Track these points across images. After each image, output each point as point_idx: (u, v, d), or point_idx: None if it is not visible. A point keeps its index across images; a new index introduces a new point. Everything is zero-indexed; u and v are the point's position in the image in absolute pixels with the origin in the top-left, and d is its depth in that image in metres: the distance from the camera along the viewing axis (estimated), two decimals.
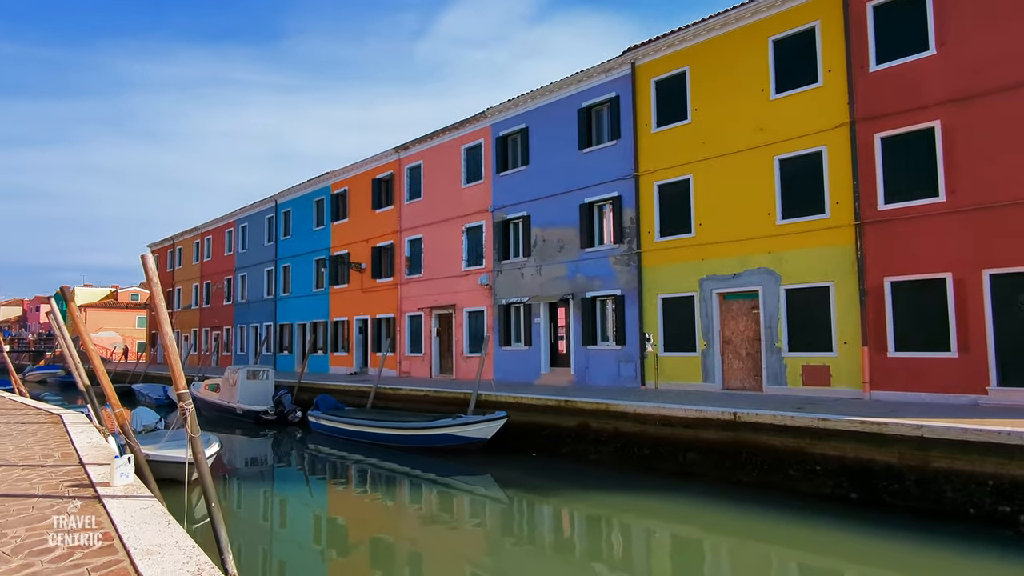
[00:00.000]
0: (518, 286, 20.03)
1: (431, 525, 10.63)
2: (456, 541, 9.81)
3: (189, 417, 5.99)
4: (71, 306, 7.23)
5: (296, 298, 30.83)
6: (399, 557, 9.28)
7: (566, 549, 9.21)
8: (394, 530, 10.45)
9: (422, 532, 10.25)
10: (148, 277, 5.93)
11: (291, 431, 19.21)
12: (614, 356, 17.32)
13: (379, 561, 9.09)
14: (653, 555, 9.14)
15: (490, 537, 9.84)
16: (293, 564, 9.15)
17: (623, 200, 17.31)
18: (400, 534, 10.22)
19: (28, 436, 10.29)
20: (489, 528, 10.35)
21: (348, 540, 10.17)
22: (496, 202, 20.93)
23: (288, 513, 11.94)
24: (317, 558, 9.38)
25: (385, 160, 25.77)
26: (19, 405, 15.98)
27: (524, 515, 11.12)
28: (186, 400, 5.98)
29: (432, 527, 10.51)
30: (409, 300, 24.17)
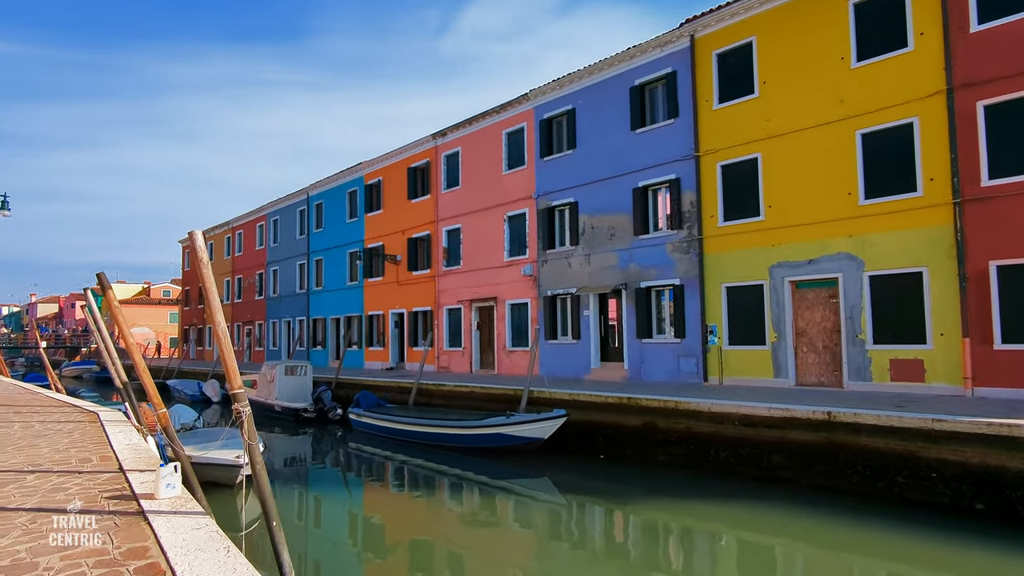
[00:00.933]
0: (565, 276, 19.00)
1: (487, 531, 9.72)
2: (515, 550, 8.88)
3: (246, 421, 5.11)
4: (108, 295, 6.40)
5: (329, 292, 30.20)
6: (453, 567, 8.38)
7: (641, 561, 8.21)
8: (447, 536, 9.55)
9: (478, 539, 9.35)
10: (198, 257, 5.06)
11: (331, 429, 18.48)
12: (672, 350, 16.21)
13: (432, 571, 8.19)
14: (742, 570, 8.08)
15: (552, 546, 8.89)
16: (338, 571, 8.32)
17: (682, 183, 16.16)
18: (454, 540, 9.32)
19: (64, 436, 9.60)
20: (550, 536, 9.41)
21: (397, 546, 9.30)
22: (540, 188, 19.91)
23: (332, 517, 11.12)
24: (364, 566, 8.53)
25: (421, 148, 24.90)
26: (55, 402, 15.47)
27: (588, 522, 10.15)
28: (242, 401, 5.10)
29: (488, 534, 9.60)
30: (447, 293, 23.30)
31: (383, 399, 18.48)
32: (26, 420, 11.75)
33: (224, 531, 7.71)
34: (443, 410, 16.45)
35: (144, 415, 12.25)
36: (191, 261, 46.27)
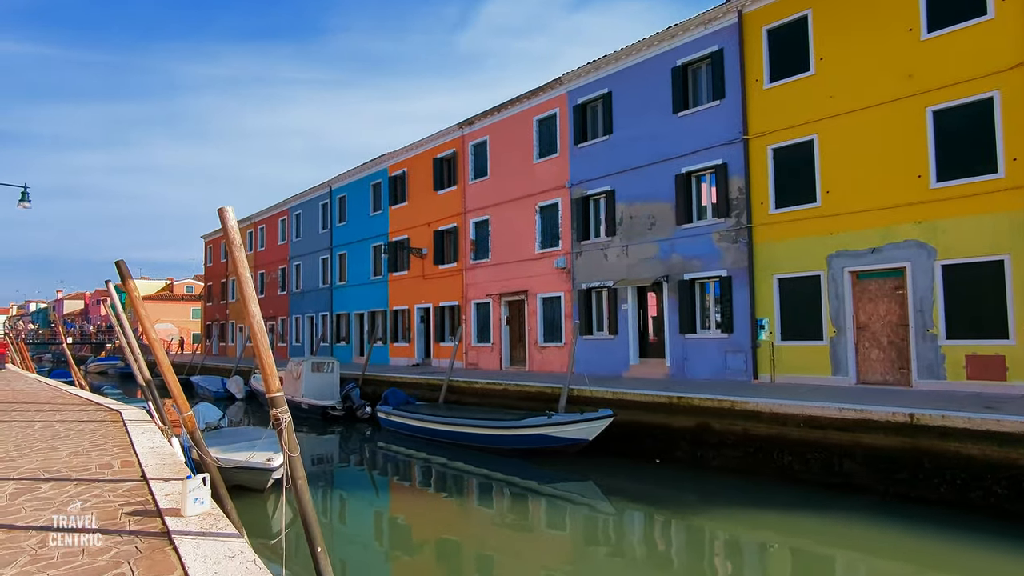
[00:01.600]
0: (601, 269, 18.15)
1: (530, 538, 8.97)
2: (562, 559, 8.12)
3: (285, 429, 4.38)
4: (129, 285, 5.72)
5: (353, 287, 29.64)
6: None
7: (704, 574, 7.39)
8: (486, 543, 8.81)
9: (521, 546, 8.60)
10: (229, 238, 4.33)
11: (360, 428, 17.85)
12: (719, 346, 15.30)
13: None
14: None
15: (602, 556, 8.11)
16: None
17: (729, 168, 15.21)
18: (494, 547, 8.59)
19: (85, 437, 9.02)
20: (598, 544, 8.63)
21: (432, 552, 8.58)
22: (574, 177, 19.05)
23: (362, 521, 10.43)
24: (396, 575, 7.83)
25: (447, 138, 24.14)
26: (78, 400, 15.00)
27: (639, 530, 9.35)
28: (281, 406, 4.37)
29: (532, 541, 8.85)
30: (475, 287, 22.55)
31: (412, 396, 17.79)
32: (47, 419, 11.23)
33: (255, 539, 7.02)
34: (475, 409, 15.72)
35: (167, 412, 11.69)
36: (213, 256, 46.11)
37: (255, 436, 12.26)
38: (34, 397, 15.61)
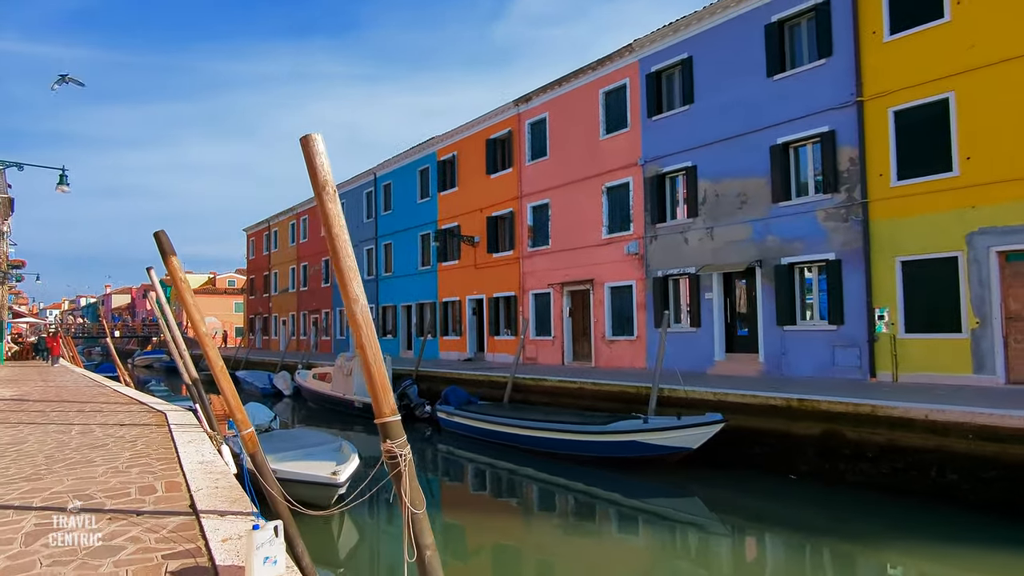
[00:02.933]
0: (680, 254, 16.38)
1: (628, 565, 7.40)
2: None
3: (406, 473, 2.87)
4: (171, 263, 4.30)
5: (399, 278, 28.40)
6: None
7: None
8: (576, 570, 7.29)
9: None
10: (317, 179, 2.85)
11: (419, 428, 16.51)
12: (825, 339, 13.42)
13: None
14: None
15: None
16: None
17: (838, 136, 13.27)
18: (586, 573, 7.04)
19: (125, 448, 7.78)
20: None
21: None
22: (647, 153, 17.28)
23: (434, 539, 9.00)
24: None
25: (501, 117, 22.57)
26: (122, 398, 13.98)
27: (765, 557, 7.71)
28: (397, 437, 2.86)
29: (630, 568, 7.28)
30: (534, 276, 20.99)
31: (473, 395, 16.34)
32: (86, 422, 10.11)
33: (317, 565, 5.60)
34: (546, 410, 14.18)
35: (215, 412, 10.43)
36: (256, 249, 45.61)
37: (312, 441, 10.96)
38: (76, 395, 14.69)
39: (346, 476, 8.51)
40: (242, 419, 4.55)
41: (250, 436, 4.53)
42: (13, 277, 27.51)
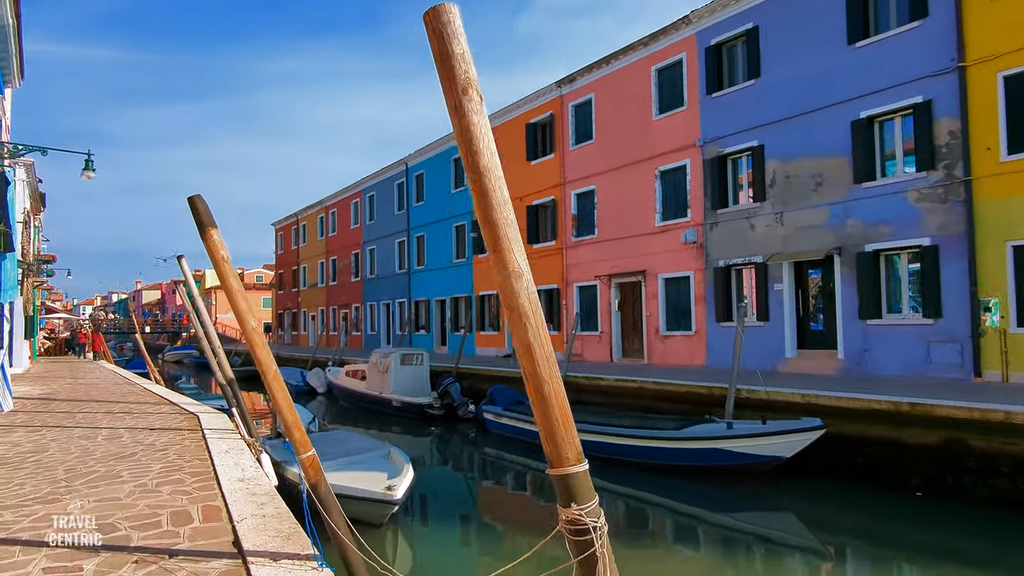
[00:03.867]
0: (744, 242, 15.07)
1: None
2: None
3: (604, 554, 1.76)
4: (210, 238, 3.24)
5: (433, 271, 27.42)
6: None
7: None
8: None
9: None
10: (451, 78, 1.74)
11: (462, 430, 15.51)
12: (918, 334, 12.05)
13: None
14: None
15: None
16: None
17: (934, 106, 11.87)
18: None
19: (156, 459, 6.83)
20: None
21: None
22: (707, 133, 15.98)
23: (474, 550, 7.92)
24: None
25: (542, 100, 21.39)
26: (152, 397, 13.19)
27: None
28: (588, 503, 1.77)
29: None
30: (578, 267, 19.82)
31: (520, 394, 15.24)
32: (114, 425, 9.24)
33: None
34: (604, 411, 13.04)
35: (251, 413, 9.51)
36: (284, 243, 45.12)
37: (357, 447, 9.97)
38: (106, 393, 13.95)
39: (403, 492, 7.49)
40: (301, 439, 3.50)
41: (311, 462, 3.48)
42: (44, 272, 27.16)
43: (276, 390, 3.44)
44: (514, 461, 12.59)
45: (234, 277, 3.57)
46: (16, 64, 13.71)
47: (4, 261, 8.32)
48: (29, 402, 12.21)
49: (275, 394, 3.45)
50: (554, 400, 1.79)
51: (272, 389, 3.47)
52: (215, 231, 3.54)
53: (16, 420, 9.85)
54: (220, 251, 3.58)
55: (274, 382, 3.50)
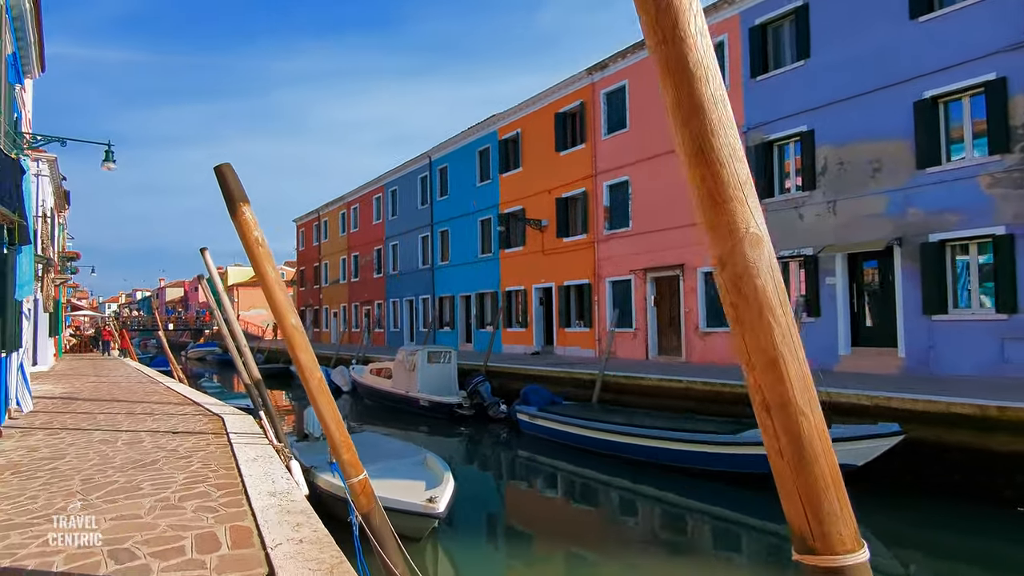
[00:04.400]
0: (792, 233, 14.22)
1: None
2: None
3: None
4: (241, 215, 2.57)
5: (457, 266, 26.82)
6: None
7: None
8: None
9: None
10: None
11: (493, 430, 14.88)
12: (991, 330, 11.14)
13: None
14: None
15: None
16: None
17: (1009, 83, 10.92)
18: None
19: (179, 467, 6.28)
20: None
21: None
22: (750, 119, 15.13)
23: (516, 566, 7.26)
24: None
25: (572, 87, 20.62)
26: (176, 397, 12.74)
27: None
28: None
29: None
30: (611, 261, 19.07)
31: (555, 394, 14.57)
32: (135, 427, 8.75)
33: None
34: (647, 413, 12.32)
35: (277, 414, 8.97)
36: (306, 240, 44.87)
37: (390, 451, 9.38)
38: (128, 392, 13.55)
39: (445, 504, 6.86)
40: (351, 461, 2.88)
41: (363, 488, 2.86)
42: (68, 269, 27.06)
43: (322, 403, 2.81)
44: (551, 464, 11.93)
45: (270, 264, 2.93)
46: (36, 53, 13.32)
47: (20, 255, 7.79)
48: (50, 402, 11.82)
49: (321, 407, 2.81)
50: (818, 446, 1.10)
51: (317, 401, 2.84)
52: (247, 208, 2.91)
53: (36, 421, 9.41)
54: (253, 232, 2.95)
55: (320, 394, 2.86)
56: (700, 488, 9.53)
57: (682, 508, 9.21)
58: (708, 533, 8.47)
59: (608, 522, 9.11)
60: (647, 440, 10.52)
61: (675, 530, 8.66)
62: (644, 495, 9.80)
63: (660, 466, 10.32)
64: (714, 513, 8.87)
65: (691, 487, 9.59)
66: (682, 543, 8.21)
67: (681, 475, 9.97)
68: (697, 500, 9.18)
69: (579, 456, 11.78)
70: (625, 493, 10.02)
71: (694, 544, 8.17)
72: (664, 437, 10.30)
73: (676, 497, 9.50)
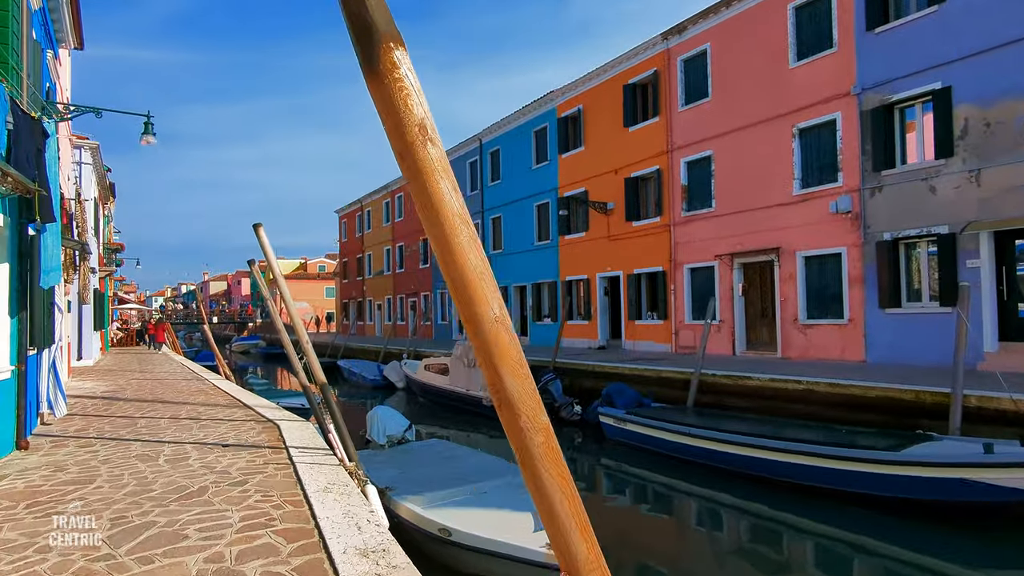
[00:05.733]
0: (920, 208, 12.21)
1: None
2: None
3: None
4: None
5: (511, 255, 25.26)
6: None
7: None
8: None
9: None
10: None
11: (566, 433, 13.29)
12: None
13: None
14: None
15: None
16: None
17: None
18: None
19: (233, 500, 4.85)
20: None
21: None
22: (866, 78, 13.11)
23: None
24: None
25: (643, 55, 18.76)
26: (223, 396, 11.49)
27: None
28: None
29: None
30: (690, 246, 17.24)
31: (641, 395, 12.88)
32: (180, 438, 7.43)
33: None
34: (760, 419, 10.56)
35: (315, 391, 7.49)
36: (348, 231, 43.98)
37: (471, 466, 7.86)
38: (173, 391, 12.40)
39: None
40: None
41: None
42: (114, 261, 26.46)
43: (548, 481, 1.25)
44: (647, 478, 10.27)
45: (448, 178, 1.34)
46: (70, 20, 12.19)
47: (44, 235, 6.44)
48: (90, 403, 10.69)
49: (545, 489, 1.26)
50: None
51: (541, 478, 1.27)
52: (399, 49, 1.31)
53: (70, 428, 8.21)
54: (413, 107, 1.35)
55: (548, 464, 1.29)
56: (850, 516, 7.76)
57: (839, 543, 7.45)
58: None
59: (743, 555, 7.41)
60: (784, 455, 8.74)
61: (825, 568, 6.93)
62: (782, 523, 8.07)
63: (794, 486, 8.57)
64: (872, 548, 7.11)
65: (840, 515, 7.83)
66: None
67: (824, 499, 8.21)
68: (857, 532, 7.40)
69: (679, 469, 10.09)
70: (764, 521, 8.30)
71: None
72: (798, 451, 8.53)
73: (814, 524, 7.76)
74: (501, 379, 1.39)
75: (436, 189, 1.29)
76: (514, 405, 1.43)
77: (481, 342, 1.38)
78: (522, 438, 1.48)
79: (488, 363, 1.39)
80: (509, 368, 1.37)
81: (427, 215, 1.29)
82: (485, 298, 1.35)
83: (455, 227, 1.29)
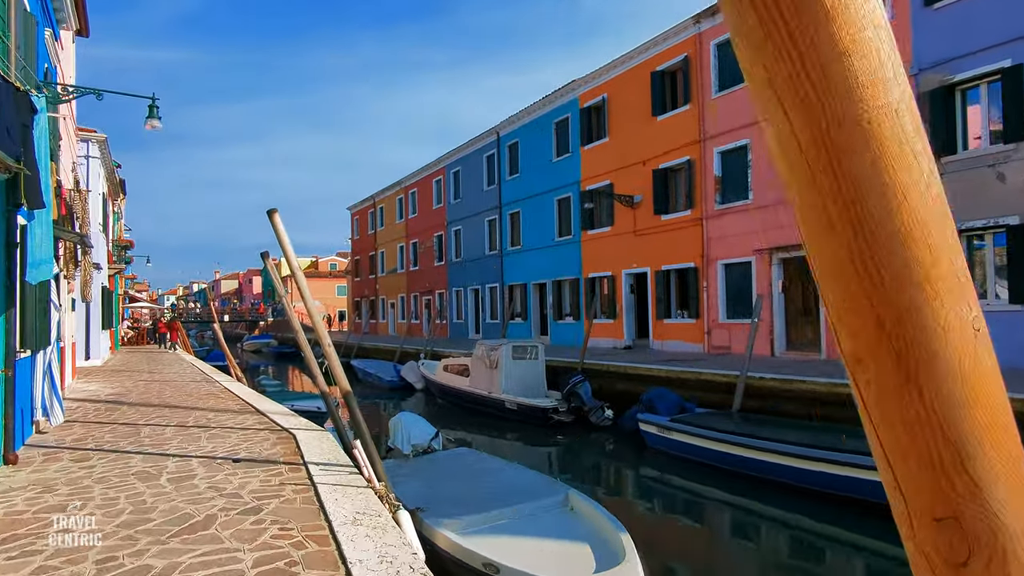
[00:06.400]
0: (983, 198, 11.24)
1: None
2: None
3: None
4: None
5: (530, 251, 24.41)
6: None
7: None
8: None
9: None
10: None
11: (596, 440, 12.43)
12: None
13: None
14: None
15: None
16: None
17: None
18: None
19: (245, 534, 4.03)
20: None
21: None
22: (923, 57, 12.15)
23: None
24: None
25: (673, 40, 17.83)
26: (234, 401, 10.73)
27: None
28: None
29: None
30: (724, 240, 16.31)
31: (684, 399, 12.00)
32: (186, 450, 6.64)
33: None
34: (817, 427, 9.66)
35: (335, 393, 6.75)
36: (360, 228, 43.29)
37: (512, 483, 7.02)
38: (181, 394, 11.65)
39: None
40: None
41: None
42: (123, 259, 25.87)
43: None
44: (697, 491, 9.41)
45: None
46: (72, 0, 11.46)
47: (32, 223, 5.65)
48: (92, 407, 9.97)
49: None
50: None
51: None
52: None
53: (67, 437, 7.46)
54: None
55: None
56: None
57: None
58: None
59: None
60: (856, 471, 7.84)
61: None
62: (860, 547, 7.18)
63: (860, 503, 7.68)
64: None
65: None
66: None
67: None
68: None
69: (732, 483, 9.21)
70: (841, 546, 7.41)
71: None
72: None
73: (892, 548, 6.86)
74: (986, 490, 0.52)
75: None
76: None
77: (928, 377, 0.51)
78: None
79: (946, 439, 0.52)
80: (1004, 459, 0.51)
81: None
82: (954, 285, 0.48)
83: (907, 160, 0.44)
